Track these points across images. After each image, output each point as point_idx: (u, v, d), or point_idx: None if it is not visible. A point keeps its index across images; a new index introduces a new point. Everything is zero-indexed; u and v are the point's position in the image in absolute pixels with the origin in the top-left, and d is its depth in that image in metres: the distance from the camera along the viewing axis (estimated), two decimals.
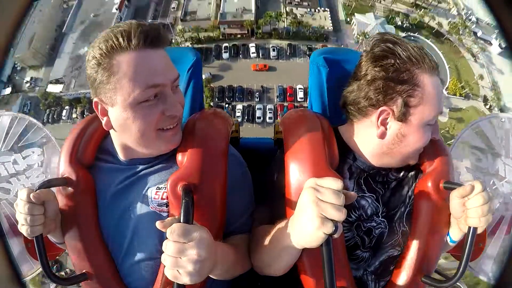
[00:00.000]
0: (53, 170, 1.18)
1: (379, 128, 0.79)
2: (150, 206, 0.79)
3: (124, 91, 0.69)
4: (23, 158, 1.21)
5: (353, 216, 0.84)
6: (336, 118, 0.96)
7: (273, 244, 0.73)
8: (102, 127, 0.90)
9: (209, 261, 0.63)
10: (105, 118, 0.76)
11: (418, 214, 0.84)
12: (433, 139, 0.83)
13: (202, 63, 1.09)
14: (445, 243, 0.85)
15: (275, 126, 1.41)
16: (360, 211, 0.84)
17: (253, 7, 28.98)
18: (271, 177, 0.91)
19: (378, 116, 0.78)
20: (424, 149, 0.85)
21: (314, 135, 0.84)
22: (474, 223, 0.72)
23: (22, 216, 0.72)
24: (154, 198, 0.79)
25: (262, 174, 0.95)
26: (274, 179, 0.89)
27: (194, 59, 1.06)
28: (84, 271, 0.80)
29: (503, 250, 1.13)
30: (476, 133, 1.22)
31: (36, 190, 0.73)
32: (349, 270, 0.80)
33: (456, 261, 1.00)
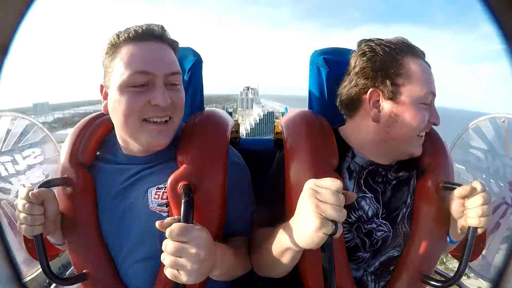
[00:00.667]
0: (53, 170, 1.18)
1: (372, 110, 0.80)
2: (150, 206, 0.79)
3: (117, 74, 0.73)
4: (23, 158, 1.21)
5: (353, 217, 0.84)
6: (336, 119, 0.96)
7: (273, 245, 0.73)
8: (102, 127, 0.90)
9: (208, 260, 0.63)
10: (105, 102, 0.79)
11: (418, 214, 0.84)
12: (432, 135, 0.84)
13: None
14: (445, 244, 0.85)
15: (275, 127, 1.41)
16: (360, 212, 0.84)
17: None
18: (271, 177, 0.91)
19: (369, 99, 0.81)
20: (423, 149, 0.85)
21: (314, 136, 0.84)
22: (474, 223, 0.72)
23: (22, 215, 0.72)
24: (154, 198, 0.79)
25: (262, 175, 0.95)
26: (274, 180, 0.89)
27: (195, 59, 1.06)
28: (84, 271, 0.80)
29: (503, 250, 1.13)
30: (476, 133, 1.23)
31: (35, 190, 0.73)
32: (349, 271, 0.80)
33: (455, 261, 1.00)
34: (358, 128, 0.87)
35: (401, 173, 0.88)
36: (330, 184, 0.60)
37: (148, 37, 0.75)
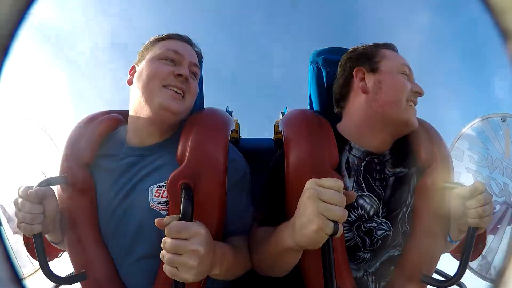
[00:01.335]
0: (52, 170, 1.18)
1: (360, 84, 0.90)
2: (150, 204, 0.79)
3: (153, 51, 0.88)
4: (23, 158, 1.21)
5: (353, 216, 0.84)
6: (335, 118, 0.97)
7: (274, 245, 0.73)
8: (102, 126, 0.91)
9: (208, 258, 0.63)
10: (131, 77, 0.90)
11: (418, 214, 0.84)
12: (432, 134, 0.87)
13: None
14: (445, 243, 0.85)
15: (275, 126, 1.41)
16: (360, 211, 0.84)
17: None
18: (271, 177, 0.91)
19: (355, 76, 0.91)
20: (424, 148, 0.85)
21: (313, 135, 0.84)
22: (475, 224, 0.72)
23: (21, 214, 0.72)
24: (155, 196, 0.79)
25: (262, 174, 0.95)
26: (274, 179, 0.89)
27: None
28: (83, 271, 0.80)
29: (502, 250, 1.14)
30: (476, 133, 1.23)
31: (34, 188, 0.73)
32: (349, 271, 0.80)
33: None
34: (352, 110, 0.91)
35: (398, 168, 0.88)
36: (331, 184, 0.60)
37: (182, 38, 0.93)
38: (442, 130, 0.94)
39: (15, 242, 1.06)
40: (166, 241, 0.60)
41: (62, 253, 1.05)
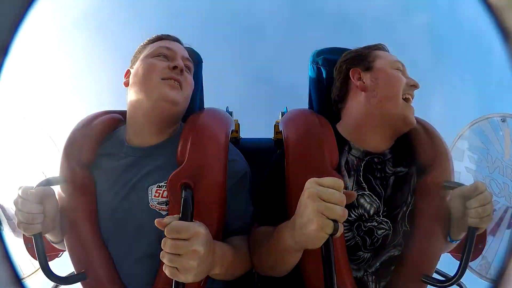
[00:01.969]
0: (52, 170, 1.18)
1: (357, 82, 0.91)
2: (150, 204, 0.79)
3: (146, 51, 0.90)
4: (23, 158, 1.21)
5: (353, 215, 0.83)
6: (335, 118, 0.97)
7: (274, 245, 0.73)
8: (102, 126, 0.91)
9: (208, 258, 0.63)
10: (127, 79, 0.91)
11: (419, 213, 0.84)
12: (432, 133, 0.88)
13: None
14: (445, 243, 0.85)
15: (275, 126, 1.41)
16: (360, 210, 0.84)
17: None
18: (271, 177, 0.91)
19: (352, 76, 0.92)
20: (423, 148, 0.85)
21: (314, 135, 0.84)
22: (475, 224, 0.72)
23: (21, 213, 0.71)
24: (155, 196, 0.79)
25: (262, 174, 0.95)
26: (274, 180, 0.89)
27: (195, 60, 1.06)
28: (83, 271, 0.80)
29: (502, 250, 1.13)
30: (476, 133, 1.23)
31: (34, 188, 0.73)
32: (349, 270, 0.80)
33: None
34: (351, 109, 0.92)
35: (399, 168, 0.88)
36: (331, 183, 0.60)
37: (171, 37, 0.95)
38: (442, 130, 0.95)
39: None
40: (166, 241, 0.60)
41: (62, 253, 1.05)
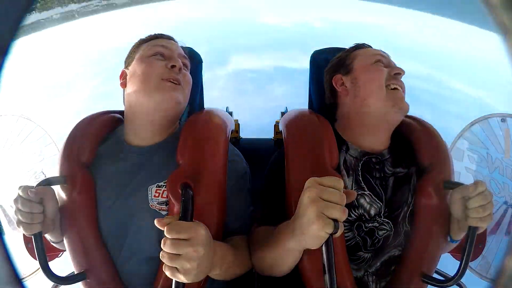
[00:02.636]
0: (52, 169, 1.18)
1: (340, 88, 0.93)
2: (150, 204, 0.79)
3: (142, 51, 0.89)
4: (23, 158, 1.21)
5: (353, 215, 0.83)
6: (335, 118, 0.96)
7: (274, 245, 0.73)
8: (102, 126, 0.91)
9: (207, 258, 0.63)
10: (123, 80, 0.90)
11: (419, 213, 0.83)
12: (431, 133, 0.88)
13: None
14: (445, 243, 0.85)
15: (275, 127, 1.41)
16: (360, 210, 0.84)
17: None
18: (271, 177, 0.91)
19: (335, 84, 0.94)
20: (423, 148, 0.85)
21: (314, 135, 0.84)
22: (475, 223, 0.72)
23: (20, 213, 0.71)
24: (154, 196, 0.79)
25: (262, 174, 0.95)
26: (274, 179, 0.89)
27: (195, 60, 1.07)
28: (83, 271, 0.80)
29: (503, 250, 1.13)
30: (476, 133, 1.23)
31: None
32: (349, 270, 0.80)
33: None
34: (343, 113, 0.94)
35: (398, 168, 0.88)
36: (331, 182, 0.60)
37: (165, 36, 0.94)
38: (444, 129, 0.95)
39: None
40: (166, 241, 0.60)
41: (62, 253, 1.05)
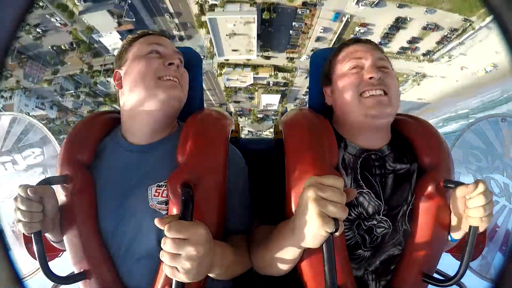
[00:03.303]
0: (52, 169, 1.18)
1: (327, 99, 0.99)
2: (150, 203, 0.79)
3: (135, 49, 0.88)
4: (23, 158, 1.21)
5: (353, 214, 0.83)
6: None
7: (274, 244, 0.72)
8: (102, 126, 0.90)
9: (207, 258, 0.63)
10: (118, 82, 0.90)
11: (419, 212, 0.83)
12: (432, 133, 0.89)
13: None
14: (446, 242, 0.85)
15: (275, 126, 1.41)
16: (359, 209, 0.84)
17: None
18: (271, 176, 0.91)
19: (325, 94, 1.00)
20: (424, 148, 0.85)
21: (314, 135, 0.84)
22: (475, 223, 0.72)
23: (20, 212, 0.71)
24: (154, 195, 0.79)
25: (262, 174, 0.95)
26: (274, 179, 0.89)
27: (194, 59, 1.07)
28: (83, 270, 0.80)
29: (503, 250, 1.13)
30: (476, 133, 1.23)
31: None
32: (349, 269, 0.80)
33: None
34: (337, 114, 0.97)
35: (398, 165, 0.88)
36: (332, 181, 0.59)
37: (156, 32, 0.94)
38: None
39: None
40: (166, 241, 0.60)
41: (62, 253, 1.05)
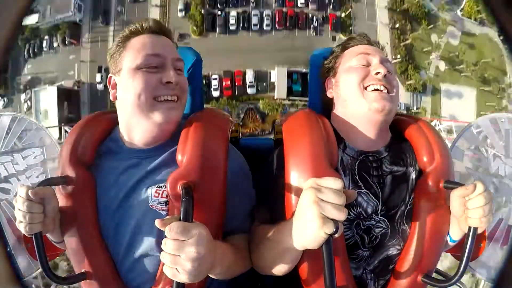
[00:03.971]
0: (53, 170, 1.18)
1: (328, 92, 0.98)
2: (150, 204, 0.79)
3: (129, 59, 0.81)
4: (23, 158, 1.21)
5: (352, 214, 0.84)
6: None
7: (274, 245, 0.72)
8: (102, 126, 0.90)
9: (208, 259, 0.63)
10: (114, 90, 0.85)
11: (418, 213, 0.83)
12: (432, 133, 0.88)
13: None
14: (445, 243, 0.85)
15: (275, 126, 1.41)
16: (358, 209, 0.84)
17: None
18: (271, 177, 0.91)
19: (326, 87, 0.99)
20: (424, 148, 0.85)
21: (314, 135, 0.84)
22: (475, 224, 0.72)
23: (21, 213, 0.71)
24: (154, 196, 0.79)
25: (262, 174, 0.95)
26: (274, 179, 0.89)
27: (194, 59, 1.07)
28: (83, 270, 0.80)
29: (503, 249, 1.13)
30: (476, 133, 1.23)
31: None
32: (349, 270, 0.80)
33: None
34: (337, 111, 0.96)
35: (395, 167, 0.88)
36: (332, 183, 0.59)
37: (153, 30, 0.86)
38: None
39: None
40: (167, 242, 0.60)
41: (62, 253, 1.05)
